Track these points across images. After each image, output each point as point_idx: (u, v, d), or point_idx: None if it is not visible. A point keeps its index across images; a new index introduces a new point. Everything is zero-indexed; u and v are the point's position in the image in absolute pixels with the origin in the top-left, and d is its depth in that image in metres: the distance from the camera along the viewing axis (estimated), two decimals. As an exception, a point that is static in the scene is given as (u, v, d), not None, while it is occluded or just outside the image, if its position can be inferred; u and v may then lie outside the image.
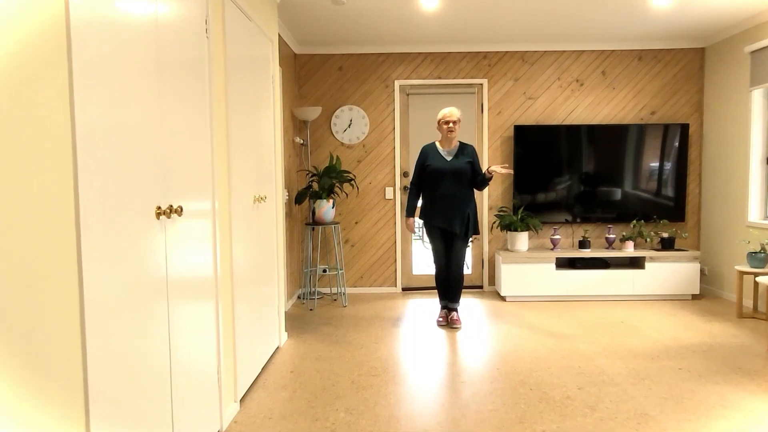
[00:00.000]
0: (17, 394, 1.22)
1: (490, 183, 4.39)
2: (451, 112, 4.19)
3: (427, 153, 4.27)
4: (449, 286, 4.34)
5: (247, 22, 3.08)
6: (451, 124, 4.18)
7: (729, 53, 5.09)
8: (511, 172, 4.12)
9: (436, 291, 5.59)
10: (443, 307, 4.45)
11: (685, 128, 5.35)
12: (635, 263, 5.27)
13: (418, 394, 2.95)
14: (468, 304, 5.03)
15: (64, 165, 1.39)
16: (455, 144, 4.27)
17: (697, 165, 5.53)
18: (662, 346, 3.74)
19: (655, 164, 5.38)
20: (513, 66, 5.50)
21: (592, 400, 2.84)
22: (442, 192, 4.18)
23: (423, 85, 5.55)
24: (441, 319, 4.39)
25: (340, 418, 2.67)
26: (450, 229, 4.18)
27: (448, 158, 4.21)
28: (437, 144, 4.30)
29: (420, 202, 4.38)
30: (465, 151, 4.25)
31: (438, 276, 4.38)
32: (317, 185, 5.05)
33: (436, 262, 4.34)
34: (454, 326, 4.26)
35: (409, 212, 4.38)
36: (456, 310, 4.36)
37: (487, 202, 5.58)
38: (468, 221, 4.21)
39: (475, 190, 4.36)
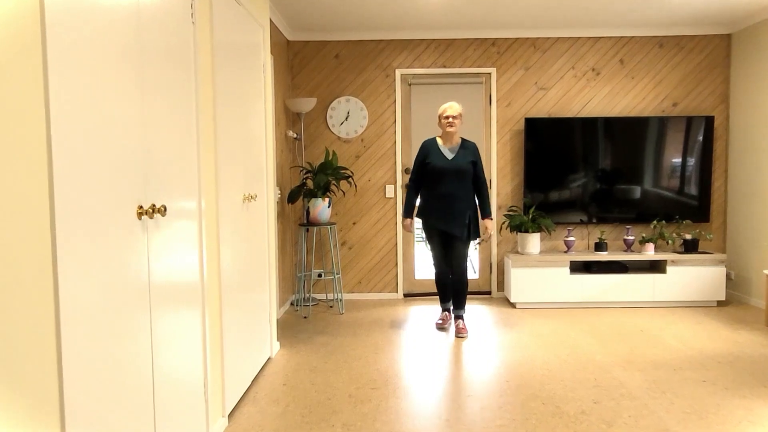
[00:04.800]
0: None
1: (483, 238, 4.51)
2: (451, 106, 4.27)
3: (428, 149, 4.33)
4: (452, 290, 4.42)
5: (236, 6, 3.08)
6: (450, 119, 4.24)
7: (757, 40, 5.09)
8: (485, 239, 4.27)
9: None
10: (444, 310, 4.57)
11: (709, 121, 5.35)
12: (656, 267, 5.27)
13: (421, 409, 2.95)
14: (475, 312, 5.03)
15: (39, 161, 1.39)
16: (456, 140, 4.33)
17: (723, 161, 5.54)
18: (685, 356, 3.74)
19: (678, 160, 5.38)
20: (524, 54, 5.51)
21: (610, 415, 2.85)
22: (442, 191, 4.25)
23: (426, 75, 5.55)
24: (441, 321, 4.49)
25: (336, 434, 2.67)
26: (448, 231, 4.24)
27: (450, 156, 4.27)
28: (438, 140, 4.36)
29: (418, 201, 4.45)
30: (467, 149, 4.31)
31: (438, 279, 4.50)
32: (312, 183, 5.05)
33: (435, 264, 4.45)
34: (460, 335, 4.27)
35: (407, 212, 4.45)
36: (461, 317, 4.39)
37: (495, 201, 5.58)
38: (469, 223, 4.26)
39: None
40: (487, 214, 4.35)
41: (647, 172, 5.40)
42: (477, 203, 4.37)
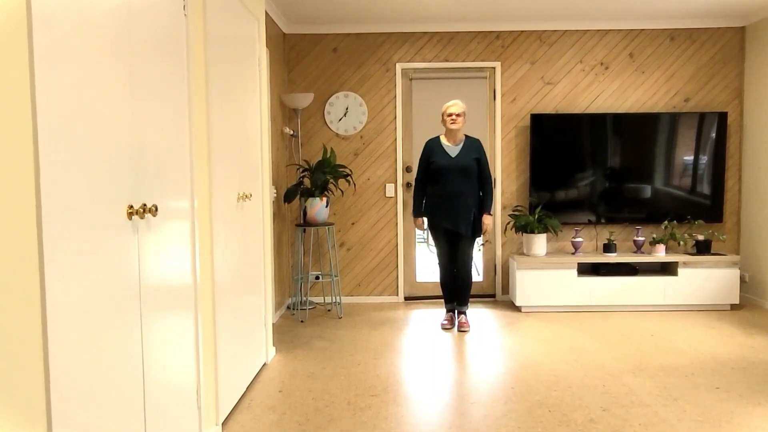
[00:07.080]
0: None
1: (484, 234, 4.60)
2: (455, 103, 4.45)
3: (432, 148, 4.51)
4: (456, 289, 4.63)
5: (230, -3, 3.08)
6: (453, 116, 4.42)
7: (772, 33, 5.09)
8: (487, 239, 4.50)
9: (441, 300, 5.59)
10: (449, 311, 4.71)
11: (722, 117, 5.35)
12: (667, 269, 5.27)
13: (423, 417, 2.95)
14: (479, 315, 5.03)
15: (25, 159, 1.39)
16: (460, 138, 4.50)
17: (737, 159, 5.54)
18: (697, 362, 3.74)
19: (690, 158, 5.38)
20: (529, 47, 5.51)
21: (619, 423, 2.85)
22: (447, 190, 4.42)
23: (428, 69, 5.55)
24: (446, 322, 4.64)
25: (334, 443, 2.67)
26: (455, 229, 4.43)
27: (453, 154, 4.44)
28: (442, 138, 4.53)
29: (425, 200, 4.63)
30: (471, 146, 4.48)
31: (443, 279, 4.66)
32: (309, 181, 5.05)
33: (440, 263, 4.62)
34: (462, 329, 4.52)
35: (417, 211, 4.63)
36: (464, 313, 4.64)
37: (500, 200, 5.58)
38: (474, 221, 4.45)
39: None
40: (486, 209, 4.47)
41: (658, 171, 5.40)
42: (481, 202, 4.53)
